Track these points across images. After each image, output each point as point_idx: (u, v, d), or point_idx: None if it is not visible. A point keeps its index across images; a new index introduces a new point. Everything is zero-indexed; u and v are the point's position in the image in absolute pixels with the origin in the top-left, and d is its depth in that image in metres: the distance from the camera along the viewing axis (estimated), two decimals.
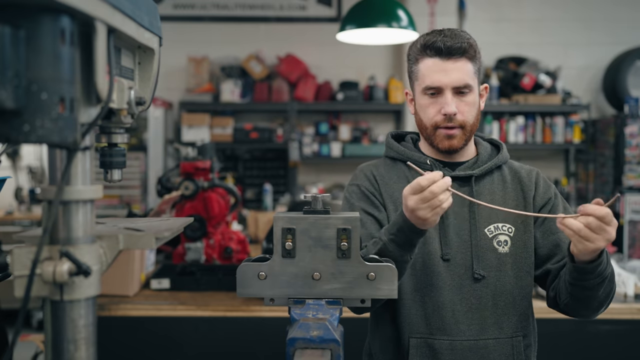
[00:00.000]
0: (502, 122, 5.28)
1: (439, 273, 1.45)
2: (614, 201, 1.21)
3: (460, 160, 1.54)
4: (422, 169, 1.50)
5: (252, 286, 1.16)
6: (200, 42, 5.48)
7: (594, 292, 1.33)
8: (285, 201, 4.98)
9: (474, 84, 1.46)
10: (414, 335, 1.46)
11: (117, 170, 0.95)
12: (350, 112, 5.58)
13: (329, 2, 5.57)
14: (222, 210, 2.90)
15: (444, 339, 1.44)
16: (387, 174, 1.56)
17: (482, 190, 1.51)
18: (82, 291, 0.78)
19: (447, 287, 1.45)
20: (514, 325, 1.46)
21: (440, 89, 1.44)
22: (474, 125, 1.49)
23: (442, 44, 1.43)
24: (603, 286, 1.33)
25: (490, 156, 1.56)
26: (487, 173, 1.53)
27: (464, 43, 1.43)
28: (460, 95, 1.45)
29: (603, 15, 5.53)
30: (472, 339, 1.43)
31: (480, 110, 1.51)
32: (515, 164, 1.60)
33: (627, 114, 4.81)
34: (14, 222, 5.26)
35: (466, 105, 1.45)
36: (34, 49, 0.68)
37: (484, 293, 1.45)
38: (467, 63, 1.44)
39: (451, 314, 1.44)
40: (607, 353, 2.50)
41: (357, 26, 3.04)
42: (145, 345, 2.49)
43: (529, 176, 1.55)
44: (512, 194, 1.52)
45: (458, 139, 1.47)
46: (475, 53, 1.46)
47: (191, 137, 5.08)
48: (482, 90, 1.54)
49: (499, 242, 1.47)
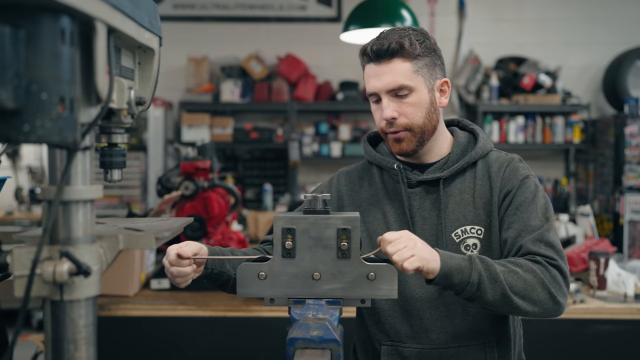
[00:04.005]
0: (502, 122, 5.28)
1: (405, 281, 1.42)
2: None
3: (429, 161, 1.48)
4: (392, 174, 1.49)
5: (252, 286, 1.16)
6: (200, 42, 5.48)
7: (480, 297, 1.25)
8: (285, 201, 4.98)
9: (415, 83, 1.38)
10: (385, 342, 1.45)
11: (117, 170, 0.95)
12: (350, 112, 5.58)
13: (329, 2, 5.57)
14: (222, 210, 2.90)
15: (413, 347, 1.42)
16: (359, 180, 1.55)
17: (452, 191, 1.44)
18: (82, 291, 0.78)
19: (415, 295, 1.42)
20: (486, 331, 1.41)
21: (377, 94, 1.40)
22: (425, 126, 1.41)
23: (370, 48, 1.38)
24: (487, 290, 1.23)
25: (463, 152, 1.47)
26: (459, 172, 1.45)
27: (393, 43, 1.35)
28: (399, 98, 1.38)
29: (603, 15, 5.53)
30: (442, 347, 1.41)
31: (435, 107, 1.42)
32: (492, 156, 1.47)
33: (627, 114, 4.81)
34: (14, 222, 5.26)
35: (409, 106, 1.39)
36: (34, 49, 0.68)
37: (453, 300, 1.40)
38: (402, 63, 1.37)
39: (419, 322, 1.42)
40: (607, 353, 2.50)
41: (361, 26, 3.04)
42: (145, 345, 2.48)
43: (499, 170, 1.44)
44: (480, 192, 1.43)
45: (407, 141, 1.41)
46: (413, 50, 1.36)
47: (191, 137, 5.08)
48: (442, 85, 1.44)
49: (467, 246, 1.40)
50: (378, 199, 1.50)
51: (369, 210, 1.50)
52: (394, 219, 1.46)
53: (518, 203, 1.39)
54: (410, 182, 1.46)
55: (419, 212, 1.44)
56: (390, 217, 1.47)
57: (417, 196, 1.45)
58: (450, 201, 1.43)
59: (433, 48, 1.41)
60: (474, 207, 1.43)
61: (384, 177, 1.52)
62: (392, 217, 1.47)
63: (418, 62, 1.38)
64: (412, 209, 1.45)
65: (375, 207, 1.50)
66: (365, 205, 1.51)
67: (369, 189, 1.53)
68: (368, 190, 1.53)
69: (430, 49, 1.40)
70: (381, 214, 1.48)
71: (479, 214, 1.42)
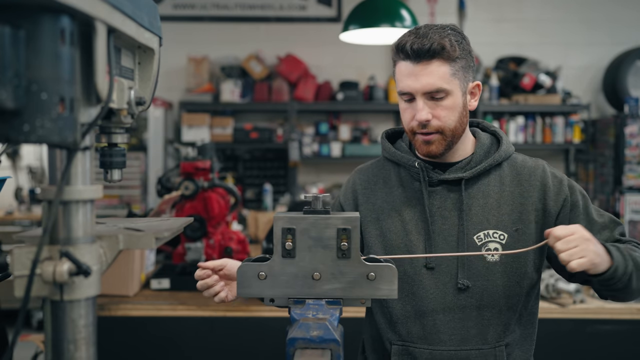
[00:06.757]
0: (502, 122, 5.28)
1: (420, 281, 1.41)
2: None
3: (452, 160, 1.46)
4: (412, 172, 1.48)
5: (252, 286, 1.16)
6: (200, 42, 5.48)
7: (627, 288, 1.30)
8: (285, 201, 4.98)
9: (452, 86, 1.35)
10: (396, 342, 1.45)
11: (117, 170, 0.95)
12: (350, 112, 5.58)
13: (329, 2, 5.57)
14: (222, 210, 2.90)
15: (424, 348, 1.41)
16: (374, 178, 1.53)
17: (476, 193, 1.42)
18: (82, 291, 0.78)
19: (429, 296, 1.41)
20: (497, 335, 1.41)
21: (411, 94, 1.36)
22: (456, 129, 1.39)
23: (410, 46, 1.33)
24: (632, 279, 1.29)
25: (487, 154, 1.46)
26: (483, 173, 1.43)
27: (435, 44, 1.31)
28: (435, 101, 1.35)
29: (603, 16, 5.53)
30: (453, 349, 1.40)
31: (467, 110, 1.41)
32: (519, 160, 1.47)
33: (627, 114, 4.81)
34: (14, 222, 5.26)
35: (443, 109, 1.35)
36: (34, 49, 0.68)
37: (468, 303, 1.39)
38: (442, 65, 1.33)
39: (432, 324, 1.41)
40: (607, 353, 2.50)
41: (360, 26, 3.03)
42: (145, 345, 2.48)
43: (530, 178, 1.43)
44: (508, 198, 1.42)
45: (436, 144, 1.39)
46: (453, 52, 1.33)
47: (191, 137, 5.08)
48: (473, 88, 1.42)
49: (487, 249, 1.39)
50: (393, 197, 1.48)
51: (383, 208, 1.48)
52: (410, 218, 1.44)
53: (579, 207, 1.42)
54: (431, 180, 1.44)
55: (439, 212, 1.42)
56: (406, 216, 1.45)
57: (438, 195, 1.43)
58: (473, 203, 1.42)
59: (468, 50, 1.39)
60: (499, 213, 1.41)
61: (401, 175, 1.49)
62: (409, 215, 1.44)
63: (455, 65, 1.35)
64: (432, 208, 1.43)
65: (390, 205, 1.48)
66: (380, 203, 1.49)
67: (384, 186, 1.51)
68: (383, 188, 1.51)
69: (466, 50, 1.37)
70: (396, 212, 1.46)
71: (503, 220, 1.40)
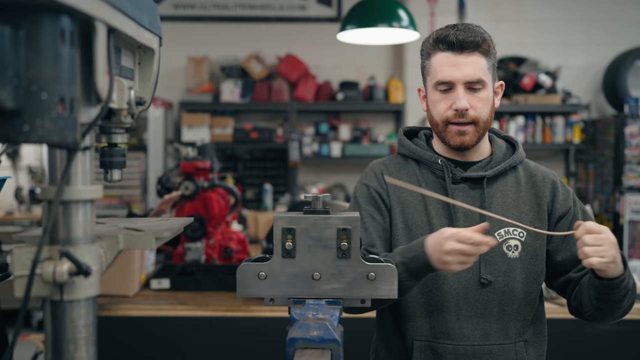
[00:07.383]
0: (502, 122, 5.28)
1: (444, 277, 1.43)
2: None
3: (473, 159, 1.50)
4: (433, 169, 1.50)
5: (252, 286, 1.16)
6: (200, 42, 5.48)
7: (619, 303, 1.36)
8: (285, 201, 4.98)
9: (488, 79, 1.43)
10: (418, 338, 1.45)
11: (117, 170, 0.95)
12: (350, 112, 5.58)
13: (329, 2, 5.57)
14: (222, 210, 2.90)
15: (447, 343, 1.42)
16: (397, 173, 1.53)
17: (495, 192, 1.47)
18: (82, 291, 0.78)
19: (452, 291, 1.43)
20: (517, 331, 1.44)
21: (452, 83, 1.41)
22: (487, 123, 1.45)
23: (454, 37, 1.40)
24: (627, 297, 1.35)
25: (504, 156, 1.52)
26: (501, 174, 1.49)
27: (477, 37, 1.40)
28: (472, 91, 1.41)
29: (603, 15, 5.53)
30: (476, 344, 1.42)
31: (494, 108, 1.47)
32: (532, 165, 1.55)
33: (627, 114, 4.81)
34: (14, 222, 5.26)
35: (479, 101, 1.42)
36: (34, 49, 0.68)
37: (490, 298, 1.43)
38: (481, 58, 1.41)
39: (456, 319, 1.42)
40: (607, 353, 2.50)
41: (358, 26, 3.04)
42: (145, 346, 2.48)
43: (544, 181, 1.51)
44: (525, 198, 1.48)
45: (470, 135, 1.43)
46: (489, 48, 1.43)
47: (191, 137, 5.08)
48: (498, 87, 1.51)
49: (508, 246, 1.44)
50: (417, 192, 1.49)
51: (409, 202, 1.49)
52: (435, 213, 1.46)
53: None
54: (454, 177, 1.47)
55: (462, 208, 1.44)
56: (432, 211, 1.46)
57: (461, 192, 1.47)
58: (493, 202, 1.46)
59: (495, 52, 1.47)
60: (517, 211, 1.46)
61: (422, 172, 1.51)
62: (434, 210, 1.46)
63: (490, 60, 1.44)
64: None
65: (416, 199, 1.49)
66: (405, 196, 1.50)
67: (408, 181, 1.51)
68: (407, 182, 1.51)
69: (495, 51, 1.47)
70: (422, 206, 1.47)
71: (522, 219, 1.45)
